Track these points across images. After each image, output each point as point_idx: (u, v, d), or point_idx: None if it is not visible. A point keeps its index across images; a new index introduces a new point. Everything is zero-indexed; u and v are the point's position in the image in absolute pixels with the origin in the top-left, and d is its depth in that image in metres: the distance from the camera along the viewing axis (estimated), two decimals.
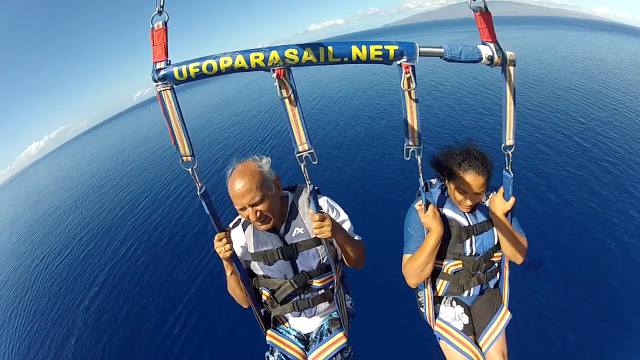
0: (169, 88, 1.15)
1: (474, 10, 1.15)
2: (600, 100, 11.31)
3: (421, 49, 1.12)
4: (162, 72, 1.12)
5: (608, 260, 4.67)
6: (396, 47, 1.11)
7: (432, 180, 1.91)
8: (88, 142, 73.04)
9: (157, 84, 1.14)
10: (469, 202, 1.67)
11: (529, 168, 7.12)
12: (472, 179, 1.59)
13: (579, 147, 8.03)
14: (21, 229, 17.51)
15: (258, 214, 1.49)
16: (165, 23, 1.10)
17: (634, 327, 3.80)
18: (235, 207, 1.52)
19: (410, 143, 1.28)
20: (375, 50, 1.10)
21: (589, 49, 24.51)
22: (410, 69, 1.13)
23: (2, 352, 7.22)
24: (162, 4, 1.06)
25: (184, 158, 1.24)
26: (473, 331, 1.87)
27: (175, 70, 1.11)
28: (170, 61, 1.13)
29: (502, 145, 1.40)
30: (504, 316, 1.86)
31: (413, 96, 1.19)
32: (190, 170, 1.24)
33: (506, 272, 1.84)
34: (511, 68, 1.24)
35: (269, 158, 1.59)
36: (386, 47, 1.10)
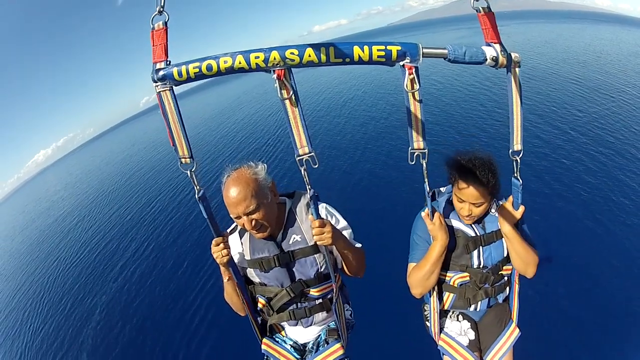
0: (168, 89, 1.13)
1: (476, 10, 1.12)
2: (599, 92, 11.29)
3: (424, 50, 1.09)
4: (161, 73, 1.11)
5: (630, 275, 4.33)
6: (399, 48, 1.08)
7: (441, 189, 1.85)
8: (96, 148, 73.61)
9: (157, 84, 1.13)
10: (465, 213, 1.61)
11: (536, 171, 6.86)
12: (467, 189, 1.55)
13: (577, 141, 8.01)
14: (33, 234, 17.77)
15: (253, 222, 1.46)
16: (166, 23, 1.09)
17: None
18: (231, 216, 1.49)
19: (415, 147, 1.24)
20: (378, 50, 1.07)
21: (590, 42, 24.27)
22: (414, 70, 1.10)
23: (18, 351, 7.40)
24: (162, 4, 1.05)
25: (183, 160, 1.22)
26: (479, 347, 1.81)
27: (174, 70, 1.10)
28: (170, 61, 1.11)
29: (510, 150, 1.34)
30: (512, 333, 1.79)
31: (417, 97, 1.16)
32: (188, 172, 1.22)
33: (516, 287, 1.75)
34: (516, 69, 1.21)
35: (265, 164, 1.55)
36: (389, 47, 1.08)
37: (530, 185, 6.19)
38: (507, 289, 1.82)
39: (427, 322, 1.94)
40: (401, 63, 1.10)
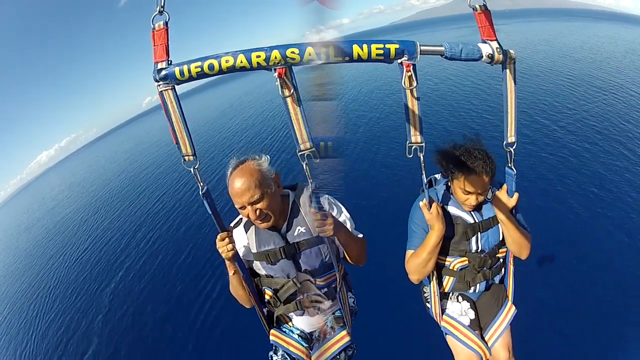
0: (170, 88, 1.15)
1: (473, 9, 1.15)
2: (591, 89, 11.29)
3: (422, 48, 1.12)
4: (163, 72, 1.12)
5: (614, 252, 4.61)
6: (397, 46, 1.10)
7: (436, 176, 1.91)
8: (99, 149, 73.88)
9: (159, 83, 1.14)
10: (472, 202, 1.66)
11: (534, 161, 7.04)
12: (474, 180, 1.59)
13: (558, 134, 8.09)
14: (39, 232, 17.88)
15: (258, 212, 1.48)
16: (166, 23, 1.10)
17: None
18: (235, 206, 1.51)
19: (413, 141, 1.28)
20: (377, 49, 1.10)
21: (588, 39, 24.16)
22: (412, 67, 1.13)
23: (24, 339, 7.57)
24: (162, 4, 1.06)
25: (186, 157, 1.24)
26: (479, 326, 1.89)
27: (176, 70, 1.11)
28: (171, 61, 1.13)
29: (504, 142, 1.39)
30: (509, 311, 1.88)
31: (414, 94, 1.19)
32: (192, 169, 1.24)
33: (511, 268, 1.86)
34: (512, 65, 1.24)
35: (268, 156, 1.58)
36: (387, 45, 1.10)
37: (519, 182, 6.29)
38: (503, 270, 1.91)
39: (427, 304, 2.01)
40: (399, 61, 1.13)
